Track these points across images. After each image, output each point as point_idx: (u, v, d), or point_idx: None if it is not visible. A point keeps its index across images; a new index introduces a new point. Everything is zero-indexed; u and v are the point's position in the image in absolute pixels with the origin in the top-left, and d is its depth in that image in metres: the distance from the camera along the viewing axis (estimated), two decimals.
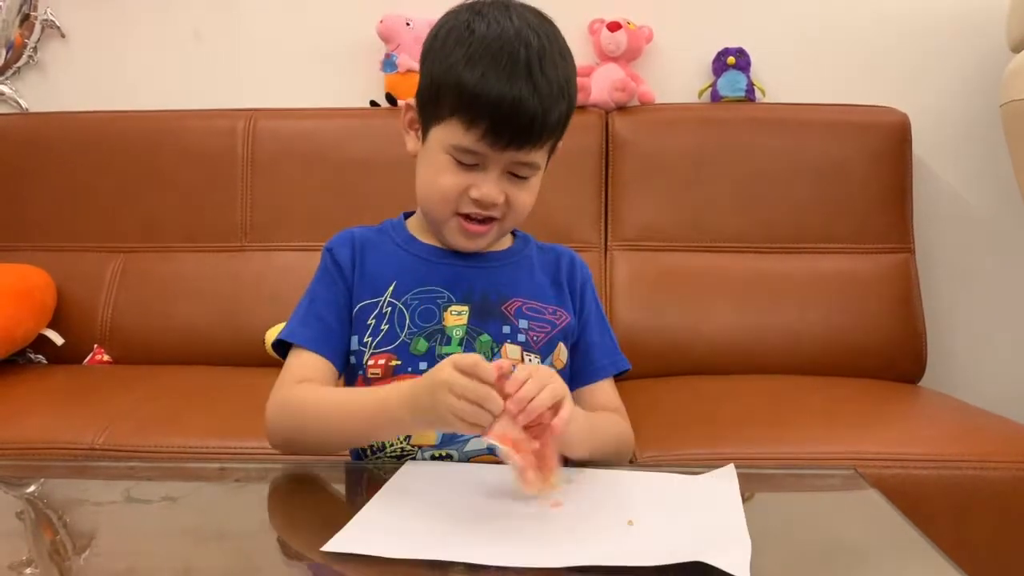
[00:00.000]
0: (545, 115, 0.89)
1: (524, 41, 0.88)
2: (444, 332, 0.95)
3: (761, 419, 1.43)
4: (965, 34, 1.97)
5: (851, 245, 1.85)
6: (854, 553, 0.73)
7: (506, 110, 0.87)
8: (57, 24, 2.13)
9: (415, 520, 0.74)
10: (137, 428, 1.43)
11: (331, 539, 0.69)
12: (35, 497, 0.90)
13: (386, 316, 0.96)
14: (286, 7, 2.10)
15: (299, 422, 0.91)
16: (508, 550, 0.68)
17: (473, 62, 0.88)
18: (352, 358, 0.96)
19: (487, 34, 0.89)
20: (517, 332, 0.96)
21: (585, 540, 0.70)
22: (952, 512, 1.26)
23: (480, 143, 0.89)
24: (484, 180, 0.91)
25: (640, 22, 1.99)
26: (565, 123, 0.94)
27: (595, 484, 0.84)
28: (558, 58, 0.91)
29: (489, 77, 0.87)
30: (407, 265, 0.98)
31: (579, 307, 1.02)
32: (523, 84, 0.87)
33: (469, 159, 0.91)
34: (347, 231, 1.02)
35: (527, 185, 0.94)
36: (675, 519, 0.75)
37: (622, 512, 0.75)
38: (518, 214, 0.95)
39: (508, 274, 0.99)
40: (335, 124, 1.94)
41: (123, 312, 1.91)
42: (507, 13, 0.91)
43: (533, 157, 0.92)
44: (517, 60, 0.87)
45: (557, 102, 0.89)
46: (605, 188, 1.91)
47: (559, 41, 0.94)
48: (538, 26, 0.92)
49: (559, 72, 0.90)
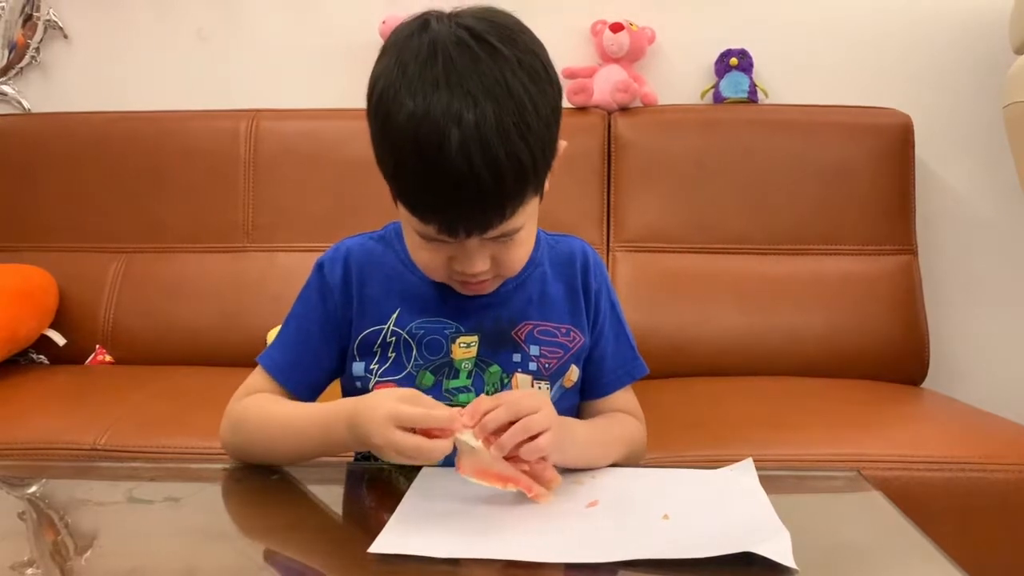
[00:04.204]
0: (500, 196, 0.78)
1: (455, 118, 0.75)
2: (452, 365, 0.92)
3: (764, 421, 1.43)
4: (968, 36, 1.97)
5: (854, 247, 1.85)
6: (858, 555, 0.73)
7: (450, 209, 0.79)
8: (60, 25, 2.13)
9: (453, 519, 0.74)
10: (139, 428, 1.43)
11: (375, 541, 0.69)
12: (37, 498, 0.90)
13: (391, 345, 0.92)
14: (289, 8, 2.10)
15: (245, 436, 0.91)
16: (552, 547, 0.69)
17: (401, 163, 0.79)
18: (358, 383, 0.93)
19: (409, 122, 0.77)
20: (528, 360, 0.93)
21: (627, 535, 0.71)
22: (955, 514, 1.26)
23: (440, 235, 0.81)
24: (463, 255, 0.84)
25: (643, 23, 1.99)
26: (540, 166, 0.81)
27: (625, 481, 0.84)
28: (506, 106, 0.77)
29: (422, 180, 0.78)
30: (412, 289, 0.93)
31: (594, 317, 0.97)
32: (462, 177, 0.76)
33: (437, 242, 0.83)
34: (342, 245, 0.96)
35: (515, 242, 0.85)
36: (708, 512, 0.76)
37: (656, 507, 0.76)
38: (512, 269, 0.89)
39: (520, 295, 0.94)
40: (337, 125, 1.95)
41: (125, 313, 1.91)
42: (436, 64, 0.77)
43: (509, 226, 0.82)
44: (448, 150, 0.75)
45: (513, 169, 0.77)
46: (607, 189, 1.91)
47: (508, 70, 0.78)
48: (472, 75, 0.77)
49: (508, 130, 0.76)
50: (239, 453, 0.93)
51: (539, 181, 0.83)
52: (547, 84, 0.82)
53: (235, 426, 0.92)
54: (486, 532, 0.72)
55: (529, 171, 0.79)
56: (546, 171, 0.85)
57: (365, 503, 0.89)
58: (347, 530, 0.82)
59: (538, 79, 0.81)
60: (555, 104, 0.83)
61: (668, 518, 0.74)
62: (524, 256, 0.89)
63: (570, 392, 0.97)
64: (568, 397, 0.97)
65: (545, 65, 0.83)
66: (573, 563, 0.67)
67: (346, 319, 0.94)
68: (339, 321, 0.94)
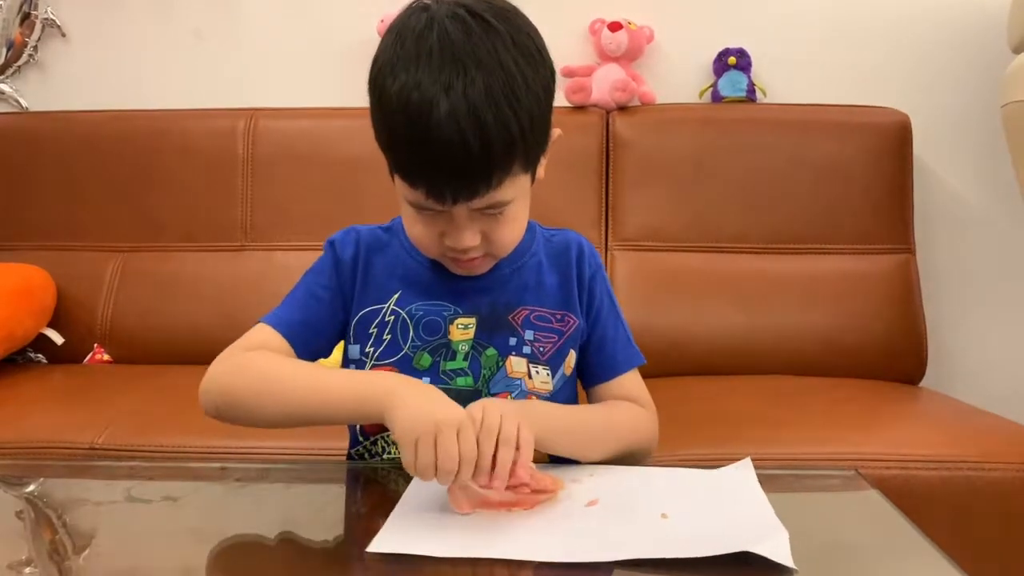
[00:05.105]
0: (488, 162, 0.79)
1: (445, 86, 0.77)
2: (449, 346, 0.92)
3: (761, 420, 1.43)
4: (966, 35, 1.97)
5: (852, 245, 1.85)
6: (855, 553, 0.73)
7: (438, 174, 0.80)
8: (58, 23, 2.13)
9: (452, 519, 0.74)
10: (137, 427, 1.43)
11: (373, 540, 0.69)
12: (35, 497, 0.90)
13: (389, 325, 0.93)
14: (287, 6, 2.10)
15: (246, 386, 0.86)
16: (551, 546, 0.69)
17: (393, 130, 0.81)
18: (353, 367, 0.94)
19: (401, 92, 0.79)
20: (523, 344, 0.94)
21: (625, 535, 0.71)
22: (953, 512, 1.26)
23: (428, 201, 0.83)
24: (453, 228, 0.85)
25: (641, 22, 1.99)
26: (529, 139, 0.82)
27: (624, 480, 0.84)
28: (496, 76, 0.79)
29: (411, 145, 0.80)
30: (413, 274, 0.95)
31: (587, 302, 0.98)
32: (450, 143, 0.77)
33: (429, 212, 0.85)
34: (353, 228, 0.98)
35: (505, 218, 0.86)
36: (706, 511, 0.76)
37: (655, 506, 0.76)
38: (503, 247, 0.89)
39: (516, 281, 0.96)
40: (336, 124, 1.95)
41: (123, 311, 1.91)
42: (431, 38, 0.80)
43: (496, 197, 0.83)
44: (437, 116, 0.77)
45: (501, 136, 0.79)
46: (606, 188, 1.91)
47: (500, 44, 0.80)
48: (465, 47, 0.79)
49: (496, 98, 0.78)
50: (228, 404, 0.87)
51: (528, 155, 0.84)
52: (540, 64, 0.84)
53: (237, 372, 0.88)
54: (484, 532, 0.72)
55: (517, 140, 0.80)
56: (537, 148, 0.86)
57: (364, 502, 0.89)
58: (346, 529, 0.82)
59: (531, 58, 0.83)
60: (547, 84, 0.85)
61: (667, 517, 0.74)
62: (514, 236, 0.89)
63: (571, 379, 0.97)
64: (569, 384, 0.97)
65: (539, 47, 0.85)
66: (571, 563, 0.67)
67: (351, 295, 0.95)
68: (346, 295, 0.95)
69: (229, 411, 0.88)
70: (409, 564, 0.67)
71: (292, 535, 0.77)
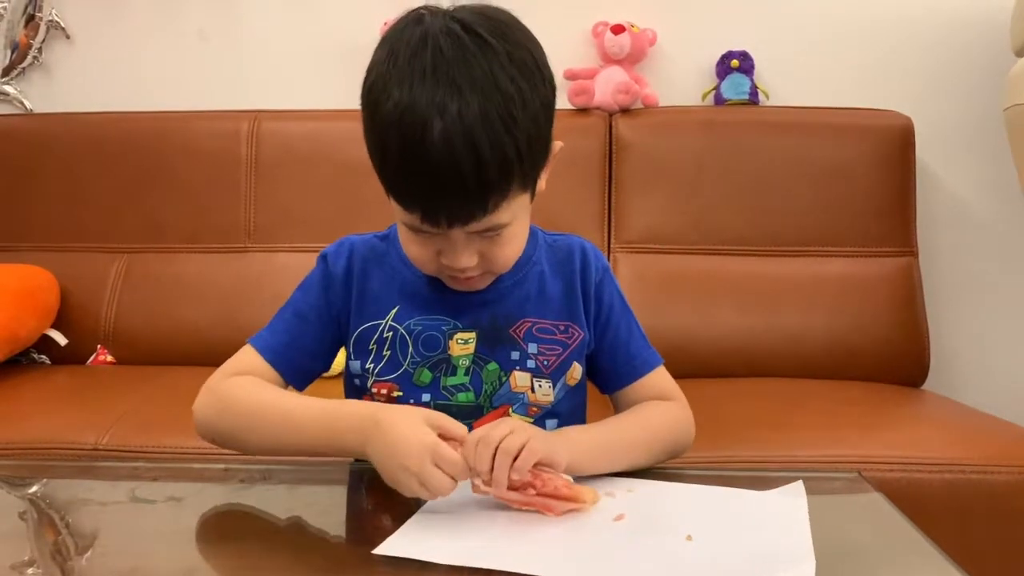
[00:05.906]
0: (483, 187, 0.78)
1: (439, 108, 0.75)
2: (450, 362, 0.91)
3: (764, 422, 1.43)
4: (969, 38, 1.97)
5: (854, 248, 1.85)
6: (859, 556, 0.73)
7: (433, 199, 0.79)
8: (62, 25, 2.14)
9: (468, 527, 0.74)
10: (141, 428, 1.43)
11: (383, 542, 0.69)
12: (38, 497, 0.90)
13: (388, 341, 0.91)
14: (290, 8, 2.10)
15: (231, 418, 0.88)
16: (558, 562, 0.68)
17: (386, 151, 0.79)
18: (356, 380, 0.93)
19: (394, 111, 0.77)
20: (527, 358, 0.92)
21: (640, 556, 0.69)
22: (956, 515, 1.26)
23: (423, 224, 0.81)
24: (450, 248, 0.83)
25: (644, 25, 2.00)
26: (527, 160, 0.80)
27: (659, 497, 0.82)
28: (492, 98, 0.76)
29: (405, 168, 0.78)
30: (411, 287, 0.92)
31: (595, 311, 0.96)
32: (444, 167, 0.76)
33: (424, 233, 0.83)
34: (346, 240, 0.96)
35: (503, 239, 0.84)
36: (735, 536, 0.73)
37: (682, 527, 0.74)
38: (502, 266, 0.88)
39: (518, 292, 0.93)
40: (339, 126, 1.94)
41: (126, 313, 1.91)
42: (425, 55, 0.77)
43: (493, 220, 0.81)
44: (430, 139, 0.75)
45: (497, 160, 0.77)
46: (608, 190, 1.91)
47: (496, 62, 0.78)
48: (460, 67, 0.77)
49: (492, 121, 0.76)
50: (216, 433, 0.89)
51: (526, 177, 0.82)
52: (538, 80, 0.81)
53: (220, 404, 0.89)
54: (497, 541, 0.71)
55: (513, 164, 0.78)
56: (535, 168, 0.84)
57: (368, 504, 0.88)
58: (350, 531, 0.82)
59: (528, 74, 0.80)
60: (546, 100, 0.82)
61: (691, 539, 0.72)
62: (513, 254, 0.88)
63: (574, 390, 0.95)
64: (572, 395, 0.95)
65: (538, 61, 0.82)
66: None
67: (345, 311, 0.94)
68: (338, 312, 0.94)
69: (220, 443, 0.91)
70: (414, 568, 0.67)
71: (295, 536, 0.77)
